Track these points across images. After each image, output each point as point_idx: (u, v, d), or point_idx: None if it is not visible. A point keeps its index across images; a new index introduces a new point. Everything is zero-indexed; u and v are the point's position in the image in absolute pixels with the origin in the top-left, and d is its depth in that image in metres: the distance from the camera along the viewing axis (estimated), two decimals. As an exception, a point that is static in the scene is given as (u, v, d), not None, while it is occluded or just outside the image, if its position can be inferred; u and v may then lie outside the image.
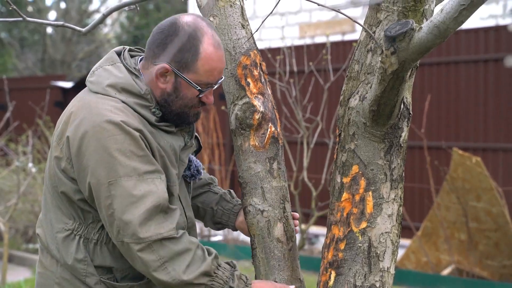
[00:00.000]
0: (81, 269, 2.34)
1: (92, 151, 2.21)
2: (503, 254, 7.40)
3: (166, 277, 2.23)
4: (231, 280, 2.32)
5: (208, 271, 2.27)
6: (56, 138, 2.36)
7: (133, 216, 2.19)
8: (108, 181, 2.20)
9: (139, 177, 2.22)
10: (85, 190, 2.26)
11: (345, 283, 2.37)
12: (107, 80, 2.33)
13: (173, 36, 2.30)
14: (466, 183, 7.35)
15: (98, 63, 2.43)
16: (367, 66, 2.37)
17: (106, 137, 2.20)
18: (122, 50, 2.47)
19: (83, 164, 2.23)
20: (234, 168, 9.95)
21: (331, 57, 8.50)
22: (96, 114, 2.24)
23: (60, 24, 2.73)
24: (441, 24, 1.93)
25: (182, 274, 2.23)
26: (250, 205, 2.52)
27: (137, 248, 2.21)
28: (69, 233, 2.36)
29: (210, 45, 2.31)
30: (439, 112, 8.77)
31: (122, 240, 2.22)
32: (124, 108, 2.28)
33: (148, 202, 2.21)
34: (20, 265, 8.67)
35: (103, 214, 2.24)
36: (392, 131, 2.33)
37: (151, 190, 2.22)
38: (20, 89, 15.50)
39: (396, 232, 2.41)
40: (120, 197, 2.20)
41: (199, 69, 2.32)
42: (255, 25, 11.20)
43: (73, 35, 23.84)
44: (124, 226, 2.20)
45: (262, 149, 2.52)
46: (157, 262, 2.22)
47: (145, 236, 2.20)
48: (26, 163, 9.50)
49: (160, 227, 2.22)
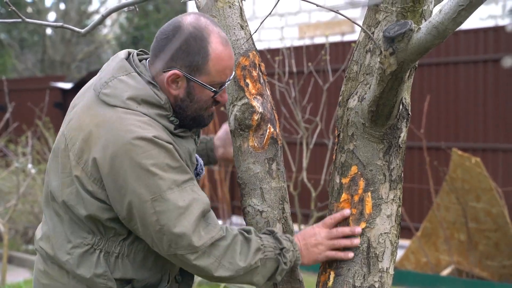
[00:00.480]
0: (101, 283, 2.29)
1: (127, 169, 2.15)
2: (503, 254, 7.40)
3: (227, 272, 2.23)
4: (278, 243, 2.33)
5: (257, 247, 2.28)
6: (75, 157, 2.26)
7: (185, 228, 2.17)
8: (151, 198, 2.16)
9: (179, 188, 2.19)
10: (122, 210, 2.21)
11: (344, 283, 2.38)
12: (125, 92, 2.25)
13: (179, 41, 2.25)
14: (465, 183, 7.35)
15: (109, 72, 2.32)
16: (366, 67, 2.37)
17: (140, 153, 2.15)
18: (129, 56, 2.38)
19: (118, 184, 2.17)
20: (233, 169, 9.95)
21: (330, 58, 8.50)
22: (124, 131, 2.17)
23: (59, 25, 2.72)
24: (440, 24, 1.93)
25: (239, 262, 2.24)
26: (249, 205, 2.52)
27: (194, 258, 2.20)
28: (89, 247, 2.29)
29: (219, 44, 2.27)
30: (438, 113, 8.77)
31: (175, 253, 2.19)
32: (150, 121, 2.23)
33: (195, 210, 2.19)
34: (19, 266, 8.67)
35: (149, 231, 2.19)
36: (391, 132, 2.33)
37: (194, 198, 2.21)
38: (19, 90, 15.50)
39: (395, 232, 2.41)
40: (167, 211, 2.16)
41: (211, 70, 2.27)
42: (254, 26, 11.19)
43: (72, 36, 23.84)
44: (177, 239, 2.17)
45: (261, 150, 2.52)
46: (215, 263, 2.22)
47: (200, 244, 2.19)
48: (26, 164, 9.50)
49: (209, 231, 2.22)
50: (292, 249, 2.35)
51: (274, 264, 2.31)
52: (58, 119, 13.86)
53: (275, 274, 2.33)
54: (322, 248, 2.39)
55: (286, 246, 2.33)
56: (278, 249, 2.32)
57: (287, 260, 2.32)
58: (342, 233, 2.39)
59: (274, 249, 2.31)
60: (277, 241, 2.34)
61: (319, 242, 2.40)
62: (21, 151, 10.20)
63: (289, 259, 2.33)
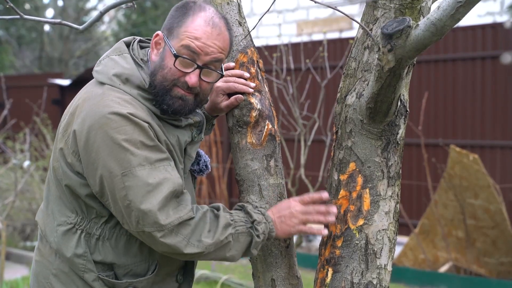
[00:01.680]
0: (80, 264, 2.33)
1: (100, 143, 2.18)
2: (501, 251, 7.41)
3: (196, 249, 2.24)
4: (249, 216, 2.34)
5: (226, 223, 2.29)
6: (62, 130, 2.33)
7: (151, 205, 2.18)
8: (122, 173, 2.17)
9: (152, 165, 2.20)
10: (95, 184, 2.23)
11: (342, 280, 2.38)
12: (112, 69, 2.30)
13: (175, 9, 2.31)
14: (463, 180, 7.36)
15: (106, 53, 2.40)
16: (364, 64, 2.38)
17: (113, 128, 2.17)
18: (132, 40, 2.43)
19: (91, 157, 2.20)
20: (232, 166, 9.95)
21: (328, 55, 8.50)
22: (102, 106, 2.21)
23: (57, 22, 2.71)
24: (438, 21, 1.93)
25: (207, 239, 2.25)
26: (247, 202, 2.52)
27: (160, 235, 2.20)
28: (71, 227, 2.34)
29: (201, 18, 2.26)
30: (436, 110, 8.77)
31: (143, 230, 2.20)
32: (132, 100, 2.25)
33: (164, 189, 2.20)
34: (17, 262, 8.66)
35: (118, 206, 2.21)
36: (389, 129, 2.34)
37: (165, 177, 2.21)
38: (17, 87, 15.48)
39: (393, 229, 2.41)
40: (136, 187, 2.18)
41: (181, 34, 2.26)
42: (252, 23, 11.18)
43: (70, 33, 23.81)
44: (143, 215, 2.18)
45: (259, 146, 2.52)
46: (183, 241, 2.23)
47: (166, 222, 2.20)
48: (24, 161, 9.49)
49: (178, 211, 2.23)
50: (264, 221, 2.35)
51: (247, 237, 2.32)
52: (56, 116, 13.86)
53: (249, 247, 2.34)
54: (295, 221, 2.39)
55: (257, 218, 2.34)
56: (249, 222, 2.33)
57: (259, 232, 2.32)
58: (317, 210, 2.39)
59: (245, 223, 2.32)
60: (247, 215, 2.35)
61: (293, 215, 2.39)
62: (19, 148, 10.19)
63: (261, 231, 2.33)
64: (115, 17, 25.70)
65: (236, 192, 10.00)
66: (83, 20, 23.85)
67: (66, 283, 2.37)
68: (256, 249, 2.36)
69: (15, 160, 8.50)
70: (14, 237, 9.56)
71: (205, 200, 10.33)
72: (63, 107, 14.48)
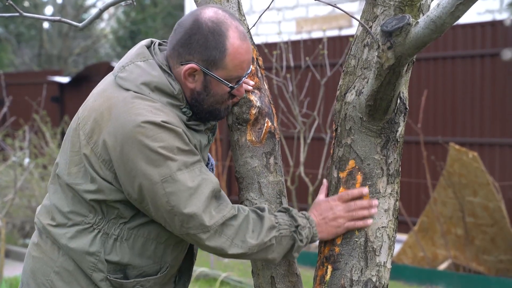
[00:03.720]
0: (91, 262, 2.31)
1: (137, 153, 2.17)
2: (500, 249, 7.42)
3: (240, 250, 2.26)
4: (294, 220, 2.34)
5: (271, 225, 2.29)
6: (85, 136, 2.29)
7: (196, 207, 2.19)
8: (161, 179, 2.18)
9: (189, 169, 2.21)
10: (133, 192, 2.22)
11: (341, 277, 2.38)
12: (140, 77, 2.27)
13: (198, 35, 2.24)
14: (462, 178, 7.36)
15: (128, 57, 2.36)
16: (364, 61, 2.38)
17: (149, 136, 2.17)
18: (151, 44, 2.41)
19: (128, 167, 2.19)
20: (231, 164, 9.95)
21: (328, 52, 8.50)
22: (134, 114, 2.19)
23: (56, 19, 2.71)
24: (438, 19, 1.93)
25: (251, 240, 2.26)
26: (246, 200, 2.52)
27: (206, 237, 2.22)
28: (89, 226, 2.31)
29: (236, 39, 2.26)
30: (435, 107, 8.77)
31: (187, 232, 2.22)
32: (162, 107, 2.24)
33: (205, 190, 2.22)
34: (16, 260, 8.67)
35: (160, 212, 2.22)
36: (388, 126, 2.34)
37: (203, 178, 2.23)
38: (16, 84, 15.47)
39: (392, 226, 2.41)
40: (178, 192, 2.18)
41: (228, 65, 2.27)
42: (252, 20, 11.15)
43: (69, 30, 23.81)
44: (188, 219, 2.19)
45: (259, 144, 2.52)
46: (227, 242, 2.24)
47: (211, 223, 2.21)
48: (23, 158, 9.49)
49: (220, 210, 2.25)
50: (308, 225, 2.36)
51: (290, 241, 2.33)
52: (55, 113, 13.87)
53: (291, 251, 2.36)
54: (341, 221, 2.39)
55: (302, 223, 2.34)
56: (293, 226, 2.33)
57: (303, 237, 2.34)
58: (360, 206, 2.38)
59: (289, 226, 2.33)
60: (292, 219, 2.35)
61: (338, 215, 2.39)
62: (19, 145, 10.19)
63: (305, 236, 2.34)
64: (115, 15, 25.70)
65: (236, 190, 10.00)
66: (83, 18, 23.85)
67: (69, 282, 2.34)
68: (298, 252, 2.38)
69: (14, 157, 8.50)
70: (14, 235, 9.57)
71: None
72: (62, 104, 14.48)
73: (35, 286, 2.39)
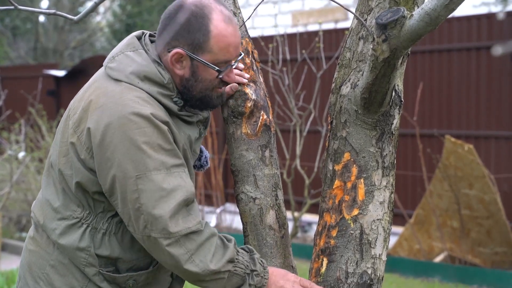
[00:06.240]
0: (82, 258, 2.30)
1: (118, 143, 2.15)
2: (495, 241, 7.44)
3: (195, 268, 2.20)
4: (252, 264, 2.30)
5: (231, 257, 2.25)
6: (73, 125, 2.28)
7: (163, 211, 2.15)
8: (136, 175, 2.15)
9: (167, 170, 2.18)
10: (105, 183, 2.20)
11: (337, 270, 2.38)
12: (129, 67, 2.27)
13: (182, 20, 2.24)
14: (458, 170, 7.38)
15: (118, 48, 2.35)
16: (359, 54, 2.38)
17: (134, 129, 2.15)
18: (142, 35, 2.40)
19: (106, 156, 2.17)
20: (227, 157, 9.95)
21: (324, 45, 8.49)
22: (121, 105, 2.18)
23: (52, 13, 2.71)
24: (432, 11, 1.93)
25: (210, 263, 2.21)
26: (242, 192, 2.52)
27: (166, 243, 2.17)
28: (77, 221, 2.30)
29: (220, 21, 2.25)
30: (431, 100, 8.78)
31: (149, 234, 2.17)
32: (149, 98, 2.23)
33: (178, 196, 2.18)
34: (13, 253, 8.68)
35: (127, 208, 2.19)
36: (383, 119, 2.34)
37: (179, 184, 2.19)
38: (12, 78, 15.46)
39: (387, 219, 2.42)
40: (150, 191, 2.15)
41: (213, 48, 2.25)
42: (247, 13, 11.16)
43: (65, 23, 23.74)
44: (153, 220, 2.15)
45: (254, 137, 2.52)
46: (185, 255, 2.19)
47: (175, 230, 2.17)
48: (19, 152, 9.49)
49: (187, 221, 2.20)
50: (262, 275, 2.31)
51: (240, 281, 2.28)
52: (51, 107, 13.85)
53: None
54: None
55: (258, 270, 2.30)
56: (249, 269, 2.29)
57: (253, 283, 2.29)
58: None
59: (246, 268, 2.28)
60: (251, 261, 2.31)
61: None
62: (14, 139, 10.19)
63: (255, 283, 2.29)
64: (110, 8, 25.63)
65: (232, 183, 10.00)
66: (78, 11, 23.79)
67: (64, 275, 2.34)
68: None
69: (10, 151, 8.51)
70: (10, 228, 9.57)
71: (201, 191, 10.34)
72: (58, 98, 14.46)
73: (31, 279, 2.39)
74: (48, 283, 2.35)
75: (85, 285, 2.33)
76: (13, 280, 6.96)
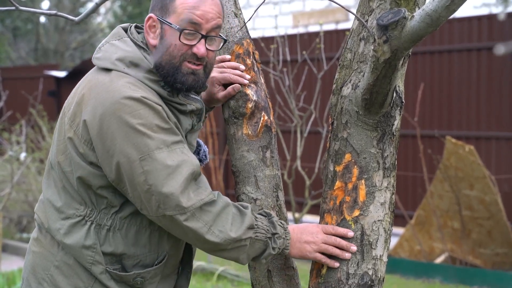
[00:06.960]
0: (88, 256, 2.29)
1: (115, 130, 2.16)
2: (496, 242, 7.44)
3: (216, 239, 2.20)
4: (272, 227, 2.31)
5: (250, 224, 2.26)
6: (68, 120, 2.28)
7: (173, 188, 2.15)
8: (140, 157, 2.15)
9: (169, 148, 2.18)
10: (111, 172, 2.20)
11: (338, 271, 2.38)
12: (115, 54, 2.27)
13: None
14: (459, 171, 7.38)
15: (104, 39, 2.37)
16: (360, 55, 2.38)
17: (128, 113, 2.15)
18: (128, 26, 2.41)
19: (106, 145, 2.17)
20: (228, 157, 9.95)
21: (325, 46, 8.49)
22: (112, 91, 2.19)
23: (53, 13, 2.71)
24: (433, 12, 1.93)
25: (230, 232, 2.22)
26: (243, 193, 2.52)
27: (183, 218, 2.17)
28: (80, 219, 2.30)
29: None
30: (432, 101, 8.78)
31: (164, 214, 2.17)
32: (137, 82, 2.23)
33: (184, 171, 2.18)
34: (13, 254, 8.68)
35: (137, 192, 2.18)
36: (384, 120, 2.34)
37: (183, 159, 2.19)
38: (13, 79, 15.46)
39: (388, 220, 2.42)
40: (156, 171, 2.15)
41: (177, 8, 2.25)
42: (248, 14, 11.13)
43: (66, 24, 23.74)
44: (165, 199, 2.15)
45: (255, 138, 2.52)
46: (204, 228, 2.19)
47: (188, 205, 2.17)
48: (20, 153, 9.49)
49: (199, 193, 2.20)
50: (284, 236, 2.33)
51: (262, 246, 2.30)
52: (52, 107, 13.85)
53: (260, 256, 2.32)
54: (314, 248, 2.36)
55: (279, 232, 2.32)
56: (270, 233, 2.30)
57: (276, 246, 2.31)
58: (338, 243, 2.36)
59: (267, 232, 2.30)
60: (271, 225, 2.32)
61: (313, 241, 2.37)
62: (15, 140, 10.19)
63: (278, 246, 2.32)
64: (111, 9, 25.64)
65: (233, 184, 9.99)
66: (79, 12, 23.79)
67: (69, 276, 2.33)
68: (266, 259, 2.34)
69: (11, 151, 8.51)
70: (11, 229, 9.57)
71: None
72: (59, 98, 14.47)
73: (34, 281, 2.38)
74: (52, 284, 2.34)
75: (91, 285, 2.32)
76: (13, 281, 6.96)
